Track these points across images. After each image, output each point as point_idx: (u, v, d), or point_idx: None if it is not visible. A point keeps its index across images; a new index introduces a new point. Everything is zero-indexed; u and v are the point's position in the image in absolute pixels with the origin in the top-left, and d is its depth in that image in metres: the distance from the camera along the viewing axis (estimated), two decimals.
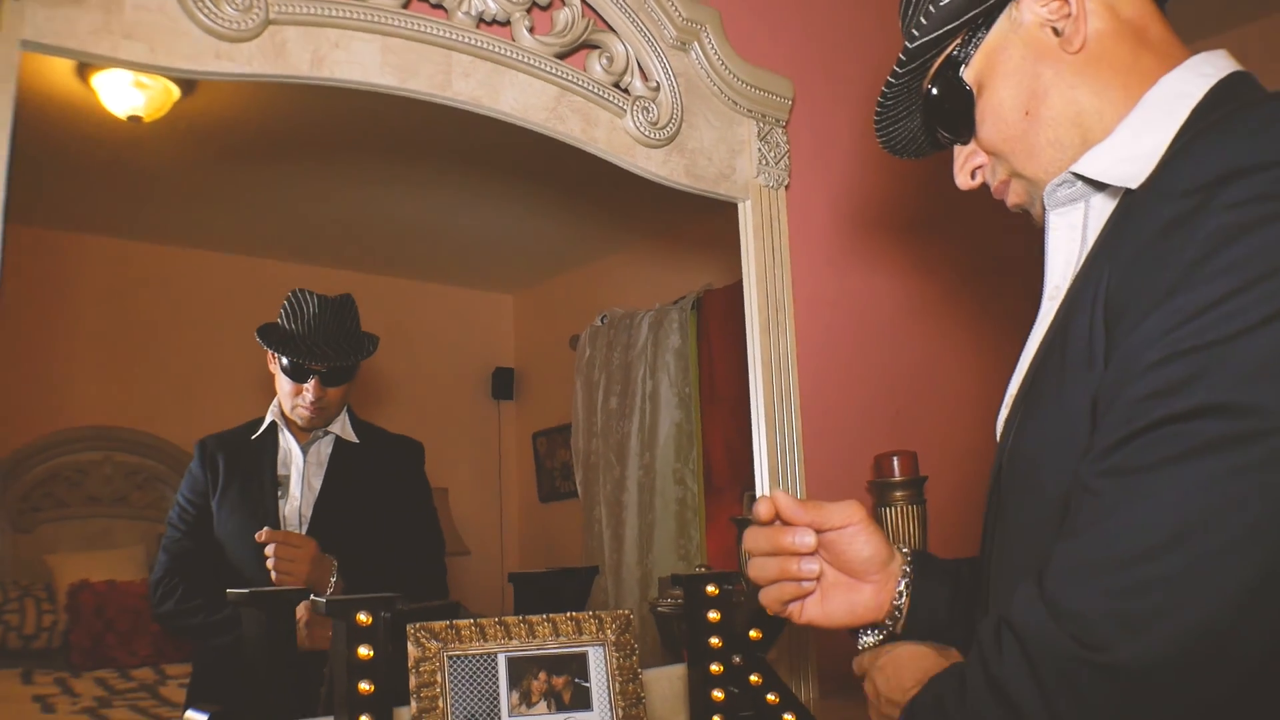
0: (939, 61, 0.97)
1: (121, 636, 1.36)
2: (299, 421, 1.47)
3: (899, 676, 0.88)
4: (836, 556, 0.99)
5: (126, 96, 1.27)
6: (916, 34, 0.94)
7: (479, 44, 1.35)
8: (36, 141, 1.08)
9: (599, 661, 1.11)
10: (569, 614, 1.13)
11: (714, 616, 1.24)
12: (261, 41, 1.17)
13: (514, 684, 1.07)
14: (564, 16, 1.45)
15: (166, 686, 1.33)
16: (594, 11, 1.50)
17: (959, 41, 0.95)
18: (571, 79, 1.45)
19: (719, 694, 1.22)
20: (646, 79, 1.55)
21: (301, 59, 1.20)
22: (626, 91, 1.52)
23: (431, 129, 1.46)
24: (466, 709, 1.04)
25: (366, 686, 1.01)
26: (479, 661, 1.06)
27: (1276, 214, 0.65)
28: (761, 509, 0.98)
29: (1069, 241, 0.89)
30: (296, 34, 1.20)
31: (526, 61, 1.40)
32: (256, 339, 1.46)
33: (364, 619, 1.03)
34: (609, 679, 1.10)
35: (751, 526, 1.00)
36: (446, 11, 1.35)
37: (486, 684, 1.06)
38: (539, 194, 1.78)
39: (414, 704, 1.01)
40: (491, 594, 1.72)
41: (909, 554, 1.02)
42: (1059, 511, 0.77)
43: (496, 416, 1.82)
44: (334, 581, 1.39)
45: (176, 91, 1.28)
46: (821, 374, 1.80)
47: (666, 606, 1.63)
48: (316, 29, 1.21)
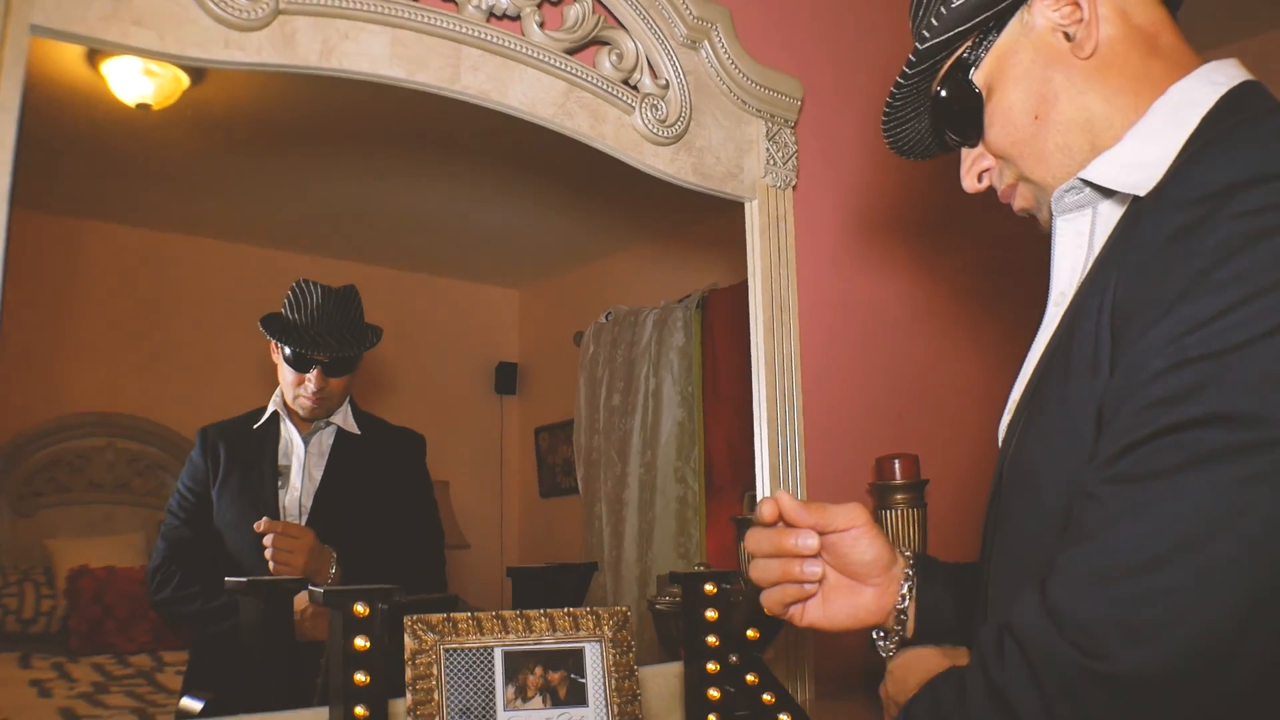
0: (949, 63, 0.97)
1: (120, 623, 1.36)
2: (301, 412, 1.47)
3: (905, 680, 0.88)
4: (839, 559, 0.98)
5: (136, 84, 1.27)
6: (927, 35, 0.93)
7: (489, 38, 1.34)
8: (44, 127, 1.09)
9: (595, 658, 1.11)
10: (566, 609, 1.13)
11: (711, 615, 1.24)
12: (271, 31, 1.17)
13: (510, 678, 1.07)
14: (575, 12, 1.45)
15: (164, 673, 1.34)
16: (605, 8, 1.50)
17: (969, 44, 0.94)
18: (581, 75, 1.44)
19: (715, 693, 1.22)
20: (656, 76, 1.54)
21: (311, 49, 1.20)
22: (635, 89, 1.52)
23: (440, 122, 1.46)
24: (462, 702, 1.03)
25: (362, 677, 1.01)
26: (475, 655, 1.06)
27: None
28: (765, 510, 0.97)
29: (1075, 248, 0.89)
30: (306, 24, 1.20)
31: (536, 56, 1.40)
32: (260, 328, 1.46)
33: (361, 610, 1.03)
34: (605, 675, 1.10)
35: (754, 528, 1.00)
36: (457, 5, 1.35)
37: (482, 678, 1.06)
38: (546, 190, 1.78)
39: (409, 696, 1.01)
40: (490, 588, 1.72)
41: (911, 557, 1.01)
42: (1059, 518, 0.76)
43: (499, 411, 1.82)
44: (333, 572, 1.39)
45: (186, 80, 1.28)
46: (825, 375, 1.80)
47: (664, 604, 1.63)
48: (326, 20, 1.21)
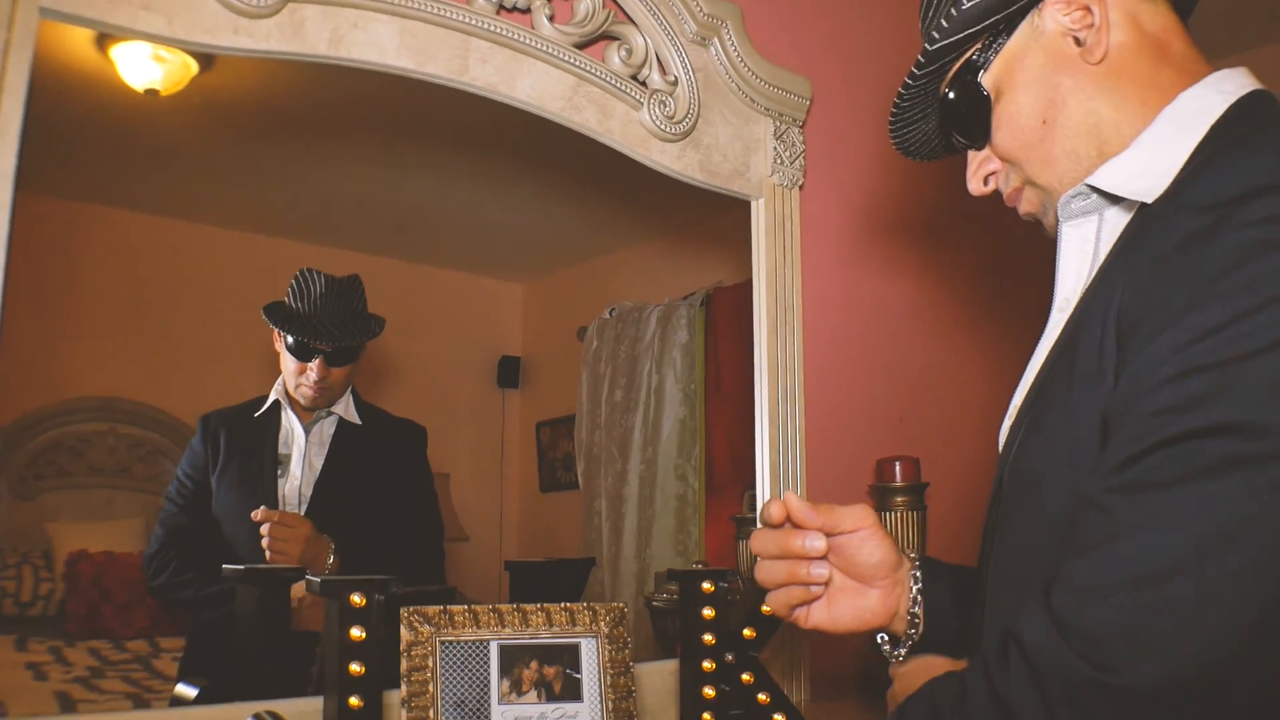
0: (957, 65, 0.96)
1: (117, 608, 1.36)
2: (302, 401, 1.47)
3: (909, 689, 0.88)
4: (845, 561, 0.98)
5: (144, 69, 1.27)
6: (937, 36, 0.93)
7: (498, 30, 1.34)
8: (52, 111, 1.09)
9: (591, 653, 1.11)
10: (563, 604, 1.13)
11: (708, 613, 1.24)
12: (280, 19, 1.17)
13: (505, 672, 1.07)
14: (585, 7, 1.44)
15: (160, 659, 1.34)
16: (615, 3, 1.50)
17: (979, 46, 0.94)
18: (589, 69, 1.44)
19: (710, 691, 1.22)
20: (665, 73, 1.54)
21: (319, 38, 1.20)
22: (644, 84, 1.52)
23: (448, 114, 1.45)
24: (456, 694, 1.04)
25: (357, 668, 1.01)
26: (471, 648, 1.06)
27: None
28: (773, 511, 0.96)
29: (1081, 254, 0.89)
30: (315, 12, 1.20)
31: (545, 50, 1.39)
32: (262, 317, 1.46)
33: (357, 600, 1.03)
34: (600, 671, 1.10)
35: (760, 529, 0.99)
36: None
37: (478, 670, 1.06)
38: (552, 184, 1.78)
39: (404, 687, 1.01)
40: (488, 581, 1.72)
41: (917, 559, 1.01)
42: (1060, 524, 0.76)
43: (501, 405, 1.82)
44: (331, 562, 1.39)
45: (195, 66, 1.28)
46: (827, 375, 1.80)
47: (661, 601, 1.63)
48: (336, 8, 1.21)
